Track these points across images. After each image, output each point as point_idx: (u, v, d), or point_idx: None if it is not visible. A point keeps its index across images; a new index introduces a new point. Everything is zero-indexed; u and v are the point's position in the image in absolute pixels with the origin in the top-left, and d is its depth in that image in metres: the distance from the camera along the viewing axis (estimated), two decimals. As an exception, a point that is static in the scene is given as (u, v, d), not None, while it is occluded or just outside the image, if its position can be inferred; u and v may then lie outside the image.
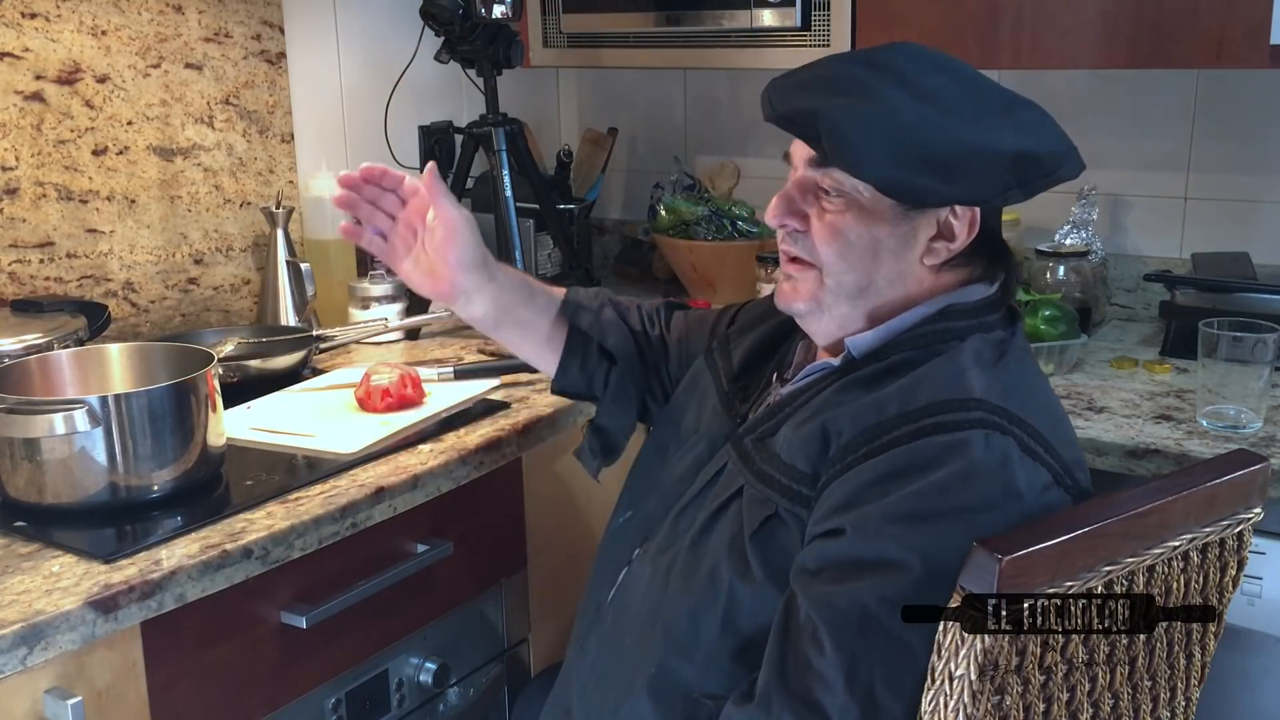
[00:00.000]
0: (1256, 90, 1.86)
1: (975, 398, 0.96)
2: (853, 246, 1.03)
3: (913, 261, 1.04)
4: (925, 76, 1.01)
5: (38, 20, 1.63)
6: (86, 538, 1.16)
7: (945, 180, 0.99)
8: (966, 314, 1.04)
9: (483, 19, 1.84)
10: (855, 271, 1.04)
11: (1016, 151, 0.99)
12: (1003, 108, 1.03)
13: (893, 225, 1.03)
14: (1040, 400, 1.03)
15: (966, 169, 0.99)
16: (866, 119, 0.98)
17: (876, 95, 0.99)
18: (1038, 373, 1.08)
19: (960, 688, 0.83)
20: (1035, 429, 0.97)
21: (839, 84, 1.01)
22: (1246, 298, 1.69)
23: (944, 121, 0.99)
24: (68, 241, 1.69)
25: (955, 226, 1.03)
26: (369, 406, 1.51)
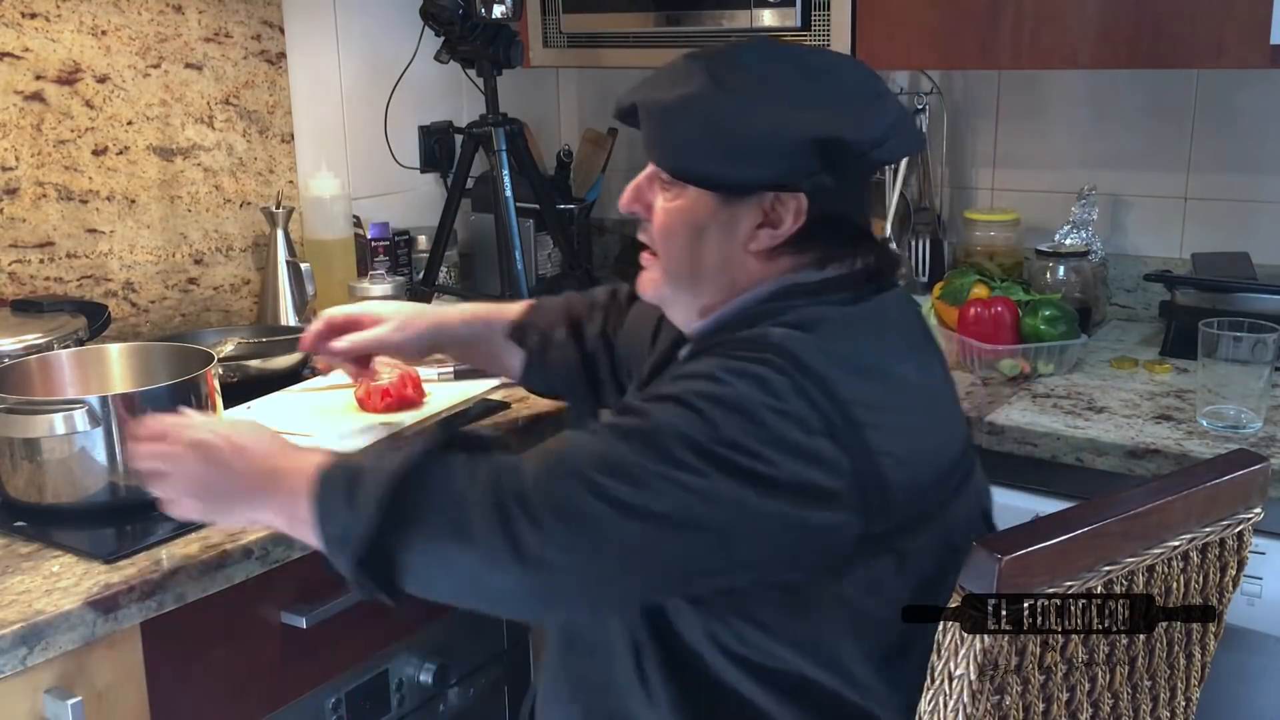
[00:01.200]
0: (1256, 90, 1.86)
1: (770, 342, 0.96)
2: (678, 234, 1.05)
3: (736, 249, 1.04)
4: (759, 65, 1.03)
5: (38, 20, 1.63)
6: (86, 538, 1.16)
7: (737, 165, 1.00)
8: (805, 292, 1.03)
9: (483, 19, 1.84)
10: (682, 259, 1.06)
11: (816, 135, 0.98)
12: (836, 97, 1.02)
13: (714, 213, 1.03)
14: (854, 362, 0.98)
15: (760, 154, 0.99)
16: (672, 108, 1.02)
17: (696, 87, 1.01)
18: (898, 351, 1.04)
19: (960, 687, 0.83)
20: (824, 378, 0.94)
21: (673, 77, 1.04)
22: (1246, 298, 1.69)
23: (743, 108, 1.00)
24: (68, 241, 1.69)
25: (781, 213, 1.03)
26: (369, 406, 1.51)
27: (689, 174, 1.03)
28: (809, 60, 1.05)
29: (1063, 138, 2.04)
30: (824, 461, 0.92)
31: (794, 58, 1.05)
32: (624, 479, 0.90)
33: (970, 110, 2.11)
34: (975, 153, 2.13)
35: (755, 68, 1.03)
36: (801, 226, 1.02)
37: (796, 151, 0.99)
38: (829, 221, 1.04)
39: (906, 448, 0.98)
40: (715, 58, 1.05)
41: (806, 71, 1.03)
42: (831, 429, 0.93)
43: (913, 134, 1.08)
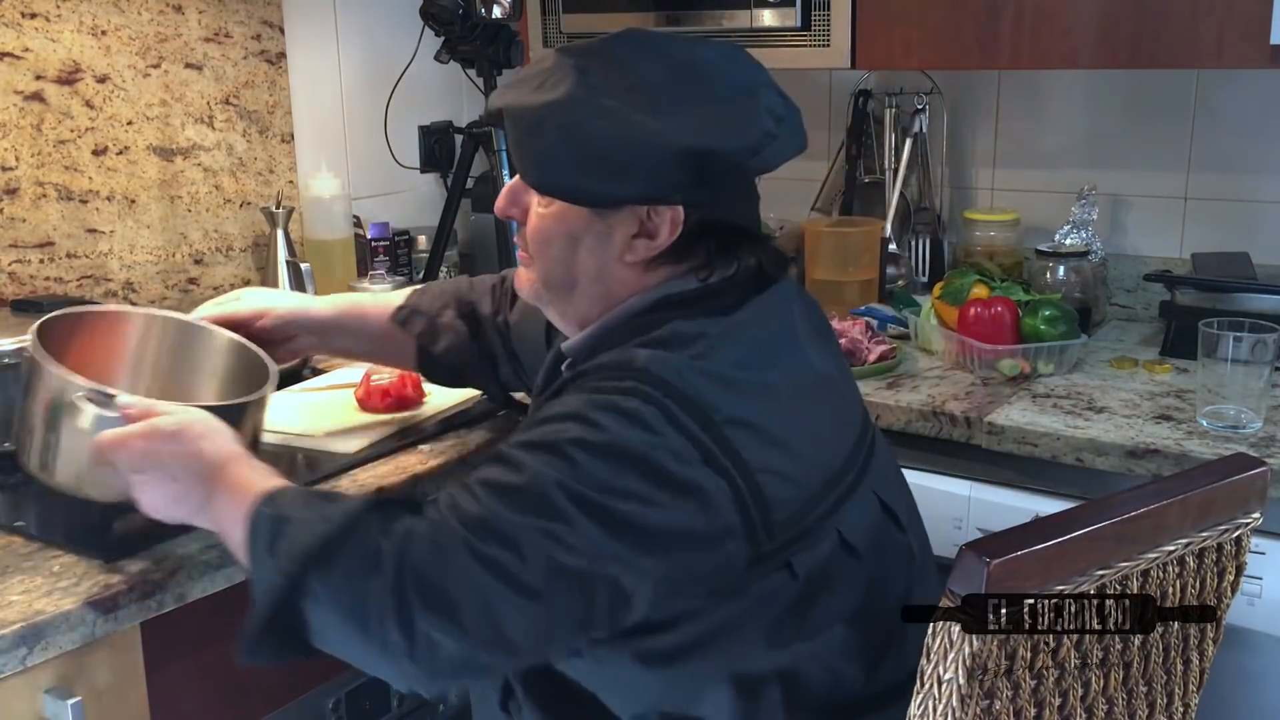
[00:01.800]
0: (1256, 90, 1.86)
1: (636, 367, 0.94)
2: (552, 242, 1.03)
3: (611, 259, 1.01)
4: (635, 66, 0.98)
5: (38, 20, 1.63)
6: (88, 537, 1.16)
7: (603, 181, 0.97)
8: (681, 303, 1.01)
9: (483, 19, 1.84)
10: (557, 267, 1.04)
11: (685, 148, 0.95)
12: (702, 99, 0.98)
13: (589, 222, 1.01)
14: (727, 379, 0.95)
15: (627, 169, 0.96)
16: (537, 116, 0.98)
17: (566, 90, 0.97)
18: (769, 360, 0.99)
19: (948, 691, 0.82)
20: (696, 403, 0.92)
21: (545, 77, 1.00)
22: (1246, 298, 1.69)
23: (608, 119, 0.96)
24: (68, 241, 1.69)
25: (657, 224, 1.00)
26: (369, 406, 1.51)
27: (554, 189, 1.00)
28: (682, 57, 1.00)
29: (1063, 138, 2.04)
30: (705, 493, 0.91)
31: (666, 54, 1.00)
32: (509, 546, 0.87)
33: (970, 110, 2.11)
34: (975, 153, 2.12)
35: (627, 68, 0.98)
36: (680, 235, 1.00)
37: (665, 165, 0.96)
38: (708, 229, 1.01)
39: (787, 461, 0.96)
40: (587, 55, 1.00)
41: (679, 71, 0.99)
42: (707, 456, 0.91)
43: (792, 135, 1.02)
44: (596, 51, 1.01)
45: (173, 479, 1.01)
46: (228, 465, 1.01)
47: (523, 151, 1.00)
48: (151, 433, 1.02)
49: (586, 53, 1.01)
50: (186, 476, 1.01)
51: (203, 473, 1.01)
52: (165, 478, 1.02)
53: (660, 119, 0.96)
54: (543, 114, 0.98)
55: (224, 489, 1.00)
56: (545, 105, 0.97)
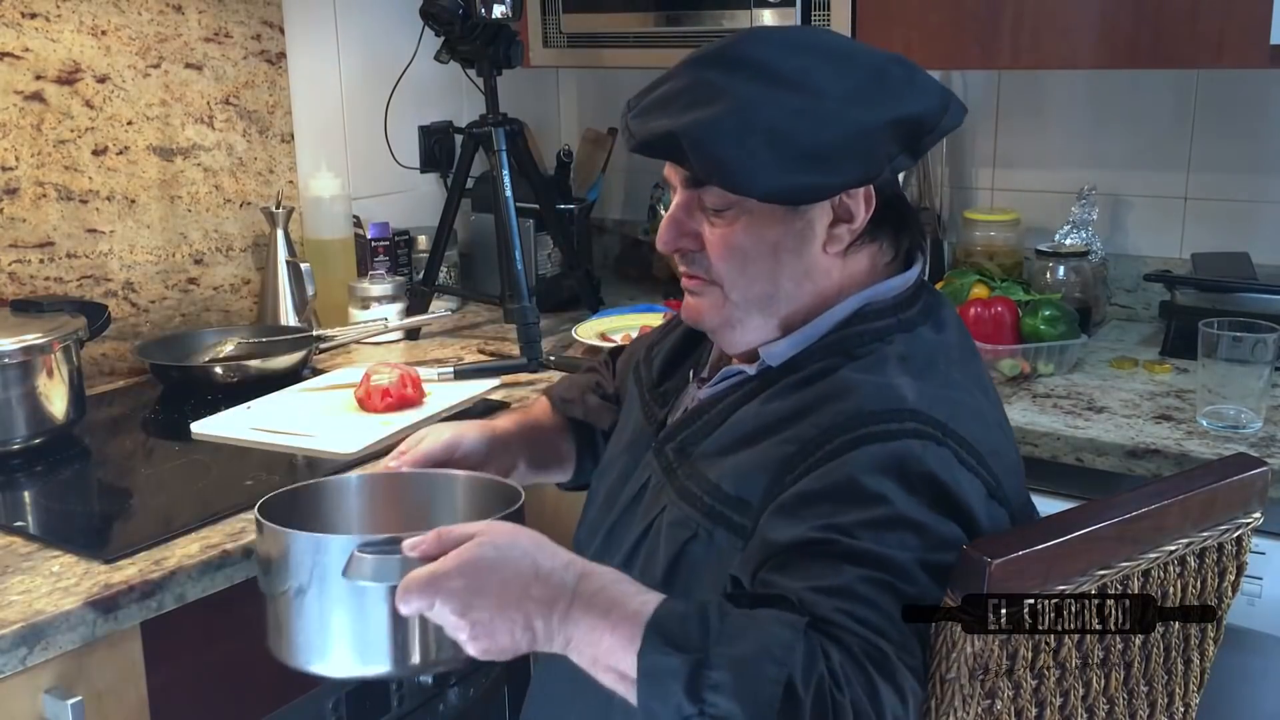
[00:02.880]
0: (1256, 90, 1.86)
1: (909, 408, 0.92)
2: (750, 257, 0.99)
3: (816, 255, 0.99)
4: (786, 61, 0.96)
5: (38, 20, 1.63)
6: (88, 537, 1.16)
7: (829, 171, 0.94)
8: (884, 313, 1.00)
9: (483, 19, 1.84)
10: (759, 281, 1.00)
11: (893, 119, 0.95)
12: (873, 74, 0.98)
13: (786, 224, 0.98)
14: (971, 407, 0.97)
15: (848, 153, 0.94)
16: (730, 129, 0.93)
17: (736, 98, 0.94)
18: (968, 375, 1.01)
19: (950, 691, 0.82)
20: (967, 440, 0.93)
21: (695, 94, 0.96)
22: (1246, 298, 1.69)
23: (813, 109, 0.94)
24: (68, 241, 1.69)
25: (851, 207, 0.99)
26: (369, 406, 1.51)
27: (781, 194, 0.95)
28: (815, 43, 0.99)
29: (1063, 138, 2.04)
30: (997, 522, 0.93)
31: (800, 44, 0.99)
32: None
33: (970, 110, 2.10)
34: (975, 153, 2.12)
35: (773, 64, 0.96)
36: (873, 214, 0.99)
37: (879, 141, 0.95)
38: (890, 203, 1.01)
39: (1017, 479, 0.99)
40: (727, 61, 0.97)
41: (828, 55, 0.98)
42: (990, 490, 0.93)
43: (952, 94, 1.03)
44: (730, 58, 0.98)
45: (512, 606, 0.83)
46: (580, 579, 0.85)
47: (727, 167, 0.94)
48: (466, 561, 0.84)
49: (721, 61, 0.98)
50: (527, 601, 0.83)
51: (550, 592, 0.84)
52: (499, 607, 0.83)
53: (853, 99, 0.95)
54: (733, 122, 0.93)
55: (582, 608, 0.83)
56: (729, 112, 0.93)
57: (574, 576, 0.84)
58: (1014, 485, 0.98)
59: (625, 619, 0.82)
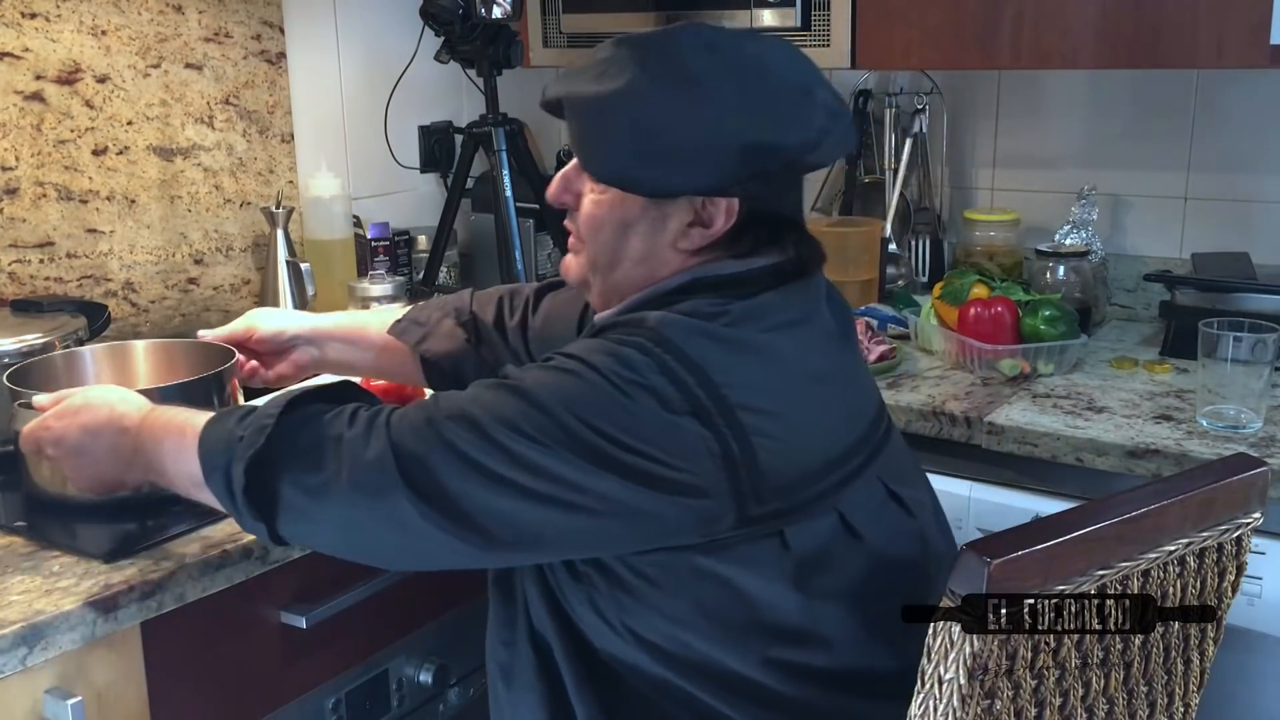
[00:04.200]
0: (1256, 90, 1.86)
1: (644, 323, 0.97)
2: (604, 227, 1.05)
3: (662, 246, 1.04)
4: (698, 61, 0.99)
5: (38, 20, 1.63)
6: (89, 536, 1.16)
7: (671, 173, 0.99)
8: (709, 287, 1.02)
9: (483, 19, 1.84)
10: (604, 251, 1.06)
11: (748, 142, 0.97)
12: (765, 95, 0.99)
13: (643, 210, 1.02)
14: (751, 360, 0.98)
15: (689, 161, 0.98)
16: (602, 110, 1.00)
17: (627, 84, 0.99)
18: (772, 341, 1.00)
19: (949, 692, 0.82)
20: (693, 359, 0.94)
21: (602, 69, 1.01)
22: (1246, 298, 1.69)
23: (683, 112, 0.98)
24: (68, 241, 1.69)
25: (712, 214, 1.02)
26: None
27: (614, 179, 1.02)
28: (741, 51, 1.01)
29: (1063, 138, 2.04)
30: (683, 442, 0.93)
31: (726, 48, 1.01)
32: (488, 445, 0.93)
33: (970, 110, 2.11)
34: (975, 153, 2.12)
35: (687, 61, 1.00)
36: (733, 226, 1.02)
37: (727, 159, 0.98)
38: (758, 218, 1.03)
39: (785, 432, 0.97)
40: (648, 46, 1.02)
41: (739, 66, 1.00)
42: (696, 408, 0.93)
43: (846, 133, 1.04)
44: (655, 43, 1.02)
45: (92, 443, 1.08)
46: (145, 415, 1.08)
47: (585, 140, 1.02)
48: (60, 411, 1.11)
49: (644, 44, 1.02)
50: (107, 435, 1.08)
51: (121, 428, 1.07)
52: (84, 446, 1.08)
53: (722, 113, 0.98)
54: (606, 103, 0.99)
55: (149, 434, 1.06)
56: (609, 94, 0.99)
57: (143, 410, 1.08)
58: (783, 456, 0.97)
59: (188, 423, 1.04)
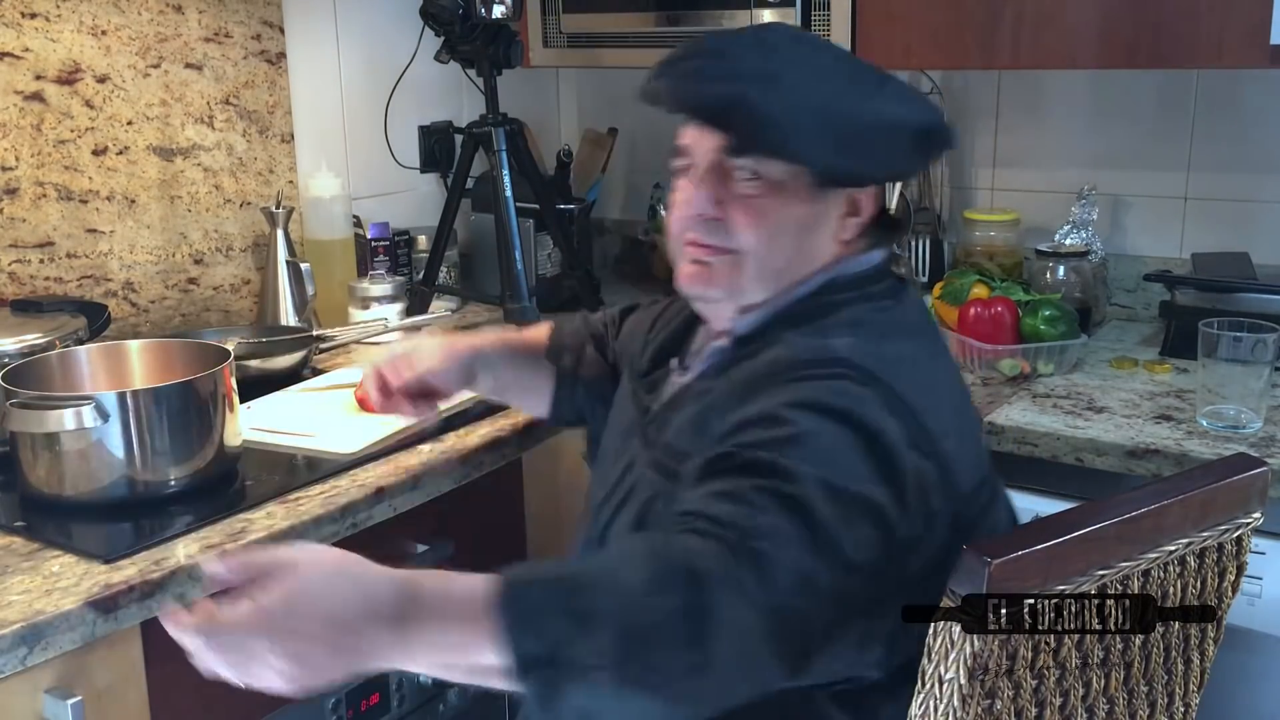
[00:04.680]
0: (1256, 90, 1.86)
1: (839, 357, 0.96)
2: (779, 230, 1.03)
3: (826, 239, 1.05)
4: (815, 55, 1.02)
5: (38, 20, 1.63)
6: (88, 536, 1.16)
7: (868, 159, 1.00)
8: (847, 287, 1.04)
9: (483, 19, 1.84)
10: (779, 254, 1.04)
11: (921, 125, 1.01)
12: (879, 82, 1.03)
13: (809, 204, 1.03)
14: (916, 369, 0.99)
15: (881, 145, 1.00)
16: (787, 102, 0.98)
17: (787, 77, 0.99)
18: (924, 350, 1.04)
19: (949, 691, 0.82)
20: (897, 392, 0.94)
21: (740, 68, 1.00)
22: (1246, 298, 1.69)
23: (855, 97, 1.00)
24: (68, 241, 1.69)
25: (862, 201, 1.05)
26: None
27: (831, 171, 1.00)
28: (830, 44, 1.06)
29: (1063, 138, 2.04)
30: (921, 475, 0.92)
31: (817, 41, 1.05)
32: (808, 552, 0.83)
33: (970, 110, 2.10)
34: (975, 153, 2.12)
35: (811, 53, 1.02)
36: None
37: (907, 143, 1.01)
38: (882, 206, 1.08)
39: (965, 454, 0.99)
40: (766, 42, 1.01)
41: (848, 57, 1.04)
42: (915, 441, 0.93)
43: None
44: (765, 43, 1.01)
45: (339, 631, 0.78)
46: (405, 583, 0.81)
47: (785, 139, 0.98)
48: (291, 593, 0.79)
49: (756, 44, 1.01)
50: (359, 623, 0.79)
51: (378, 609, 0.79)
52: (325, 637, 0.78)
53: (890, 100, 1.00)
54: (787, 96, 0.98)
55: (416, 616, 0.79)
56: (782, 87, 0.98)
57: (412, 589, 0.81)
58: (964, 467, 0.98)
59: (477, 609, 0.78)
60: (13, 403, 1.19)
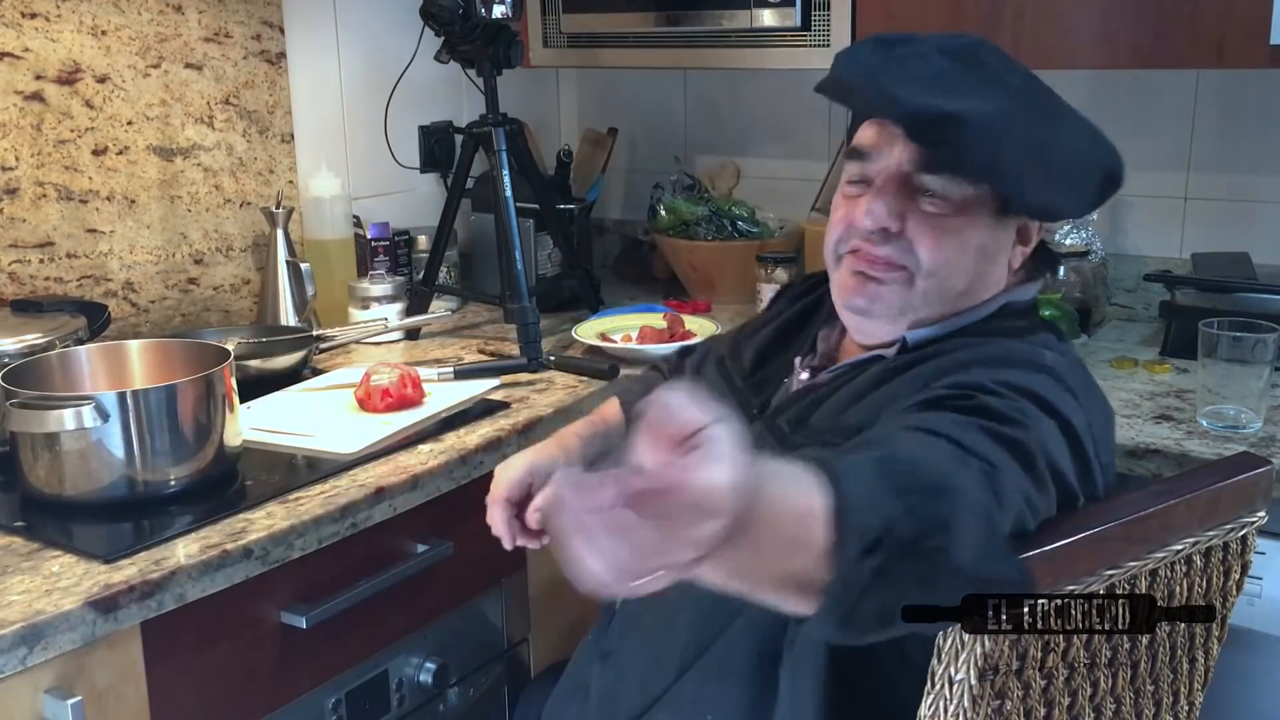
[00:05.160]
0: (1256, 90, 1.86)
1: (1047, 365, 0.97)
2: (964, 251, 1.01)
3: (1002, 266, 1.05)
4: (1009, 76, 1.01)
5: (38, 20, 1.62)
6: (88, 536, 1.16)
7: (1063, 193, 1.00)
8: (1020, 314, 1.06)
9: (483, 19, 1.84)
10: (958, 277, 1.02)
11: (1111, 167, 1.02)
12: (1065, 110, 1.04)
13: (991, 230, 1.02)
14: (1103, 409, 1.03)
15: (1077, 180, 1.00)
16: (1003, 132, 0.95)
17: (996, 98, 0.97)
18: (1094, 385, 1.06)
19: (960, 692, 0.82)
20: (1091, 423, 0.97)
21: (960, 83, 0.97)
22: (1246, 298, 1.69)
23: (1059, 133, 0.99)
24: (68, 241, 1.69)
25: (1032, 231, 1.05)
26: (369, 406, 1.51)
27: (1037, 209, 1.01)
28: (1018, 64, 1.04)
29: (1063, 138, 2.04)
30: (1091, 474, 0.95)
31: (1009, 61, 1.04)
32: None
33: (970, 110, 2.10)
34: (975, 153, 2.12)
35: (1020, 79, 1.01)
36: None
37: (1097, 182, 1.01)
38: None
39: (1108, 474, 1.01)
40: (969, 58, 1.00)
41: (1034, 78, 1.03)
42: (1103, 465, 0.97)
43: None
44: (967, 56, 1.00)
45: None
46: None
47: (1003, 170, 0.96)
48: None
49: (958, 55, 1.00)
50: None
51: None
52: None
53: (1087, 136, 1.01)
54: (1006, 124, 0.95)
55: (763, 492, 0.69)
56: (1002, 114, 0.95)
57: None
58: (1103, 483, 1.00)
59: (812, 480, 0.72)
60: (13, 403, 1.19)
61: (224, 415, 1.28)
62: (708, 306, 2.13)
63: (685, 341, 1.81)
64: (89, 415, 1.18)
